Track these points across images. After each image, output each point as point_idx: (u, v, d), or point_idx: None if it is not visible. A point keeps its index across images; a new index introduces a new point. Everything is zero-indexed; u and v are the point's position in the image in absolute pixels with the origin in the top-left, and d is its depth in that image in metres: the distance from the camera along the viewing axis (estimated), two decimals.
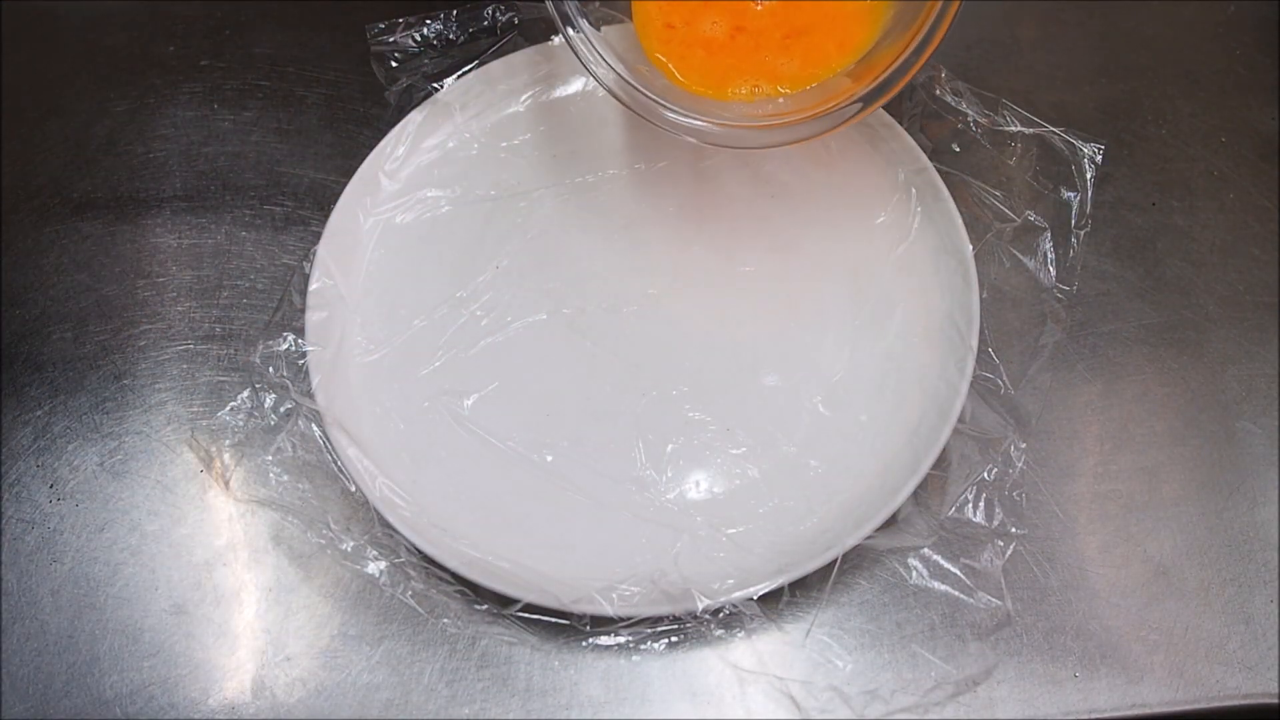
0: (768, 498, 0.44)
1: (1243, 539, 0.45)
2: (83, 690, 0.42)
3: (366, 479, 0.42)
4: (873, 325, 0.47)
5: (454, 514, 0.43)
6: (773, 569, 0.41)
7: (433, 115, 0.52)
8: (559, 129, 0.53)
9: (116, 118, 0.54)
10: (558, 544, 0.43)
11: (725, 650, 0.42)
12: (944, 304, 0.47)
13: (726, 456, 0.45)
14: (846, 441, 0.45)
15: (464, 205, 0.51)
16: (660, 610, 0.40)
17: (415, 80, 0.52)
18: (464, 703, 0.41)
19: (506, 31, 0.53)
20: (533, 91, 0.54)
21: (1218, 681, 0.42)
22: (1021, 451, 0.44)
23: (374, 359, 0.47)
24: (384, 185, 0.51)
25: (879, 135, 0.51)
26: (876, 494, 0.43)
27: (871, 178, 0.51)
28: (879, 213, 0.50)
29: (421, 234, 0.50)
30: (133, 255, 0.51)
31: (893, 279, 0.48)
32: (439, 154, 0.52)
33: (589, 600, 0.40)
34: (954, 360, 0.45)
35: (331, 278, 0.47)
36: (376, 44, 0.53)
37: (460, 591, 0.42)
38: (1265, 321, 0.49)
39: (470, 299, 0.48)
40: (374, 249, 0.50)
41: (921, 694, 0.41)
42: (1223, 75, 0.56)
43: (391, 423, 0.45)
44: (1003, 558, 0.42)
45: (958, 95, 0.51)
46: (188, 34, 0.57)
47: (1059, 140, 0.50)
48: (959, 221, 0.47)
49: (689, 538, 0.43)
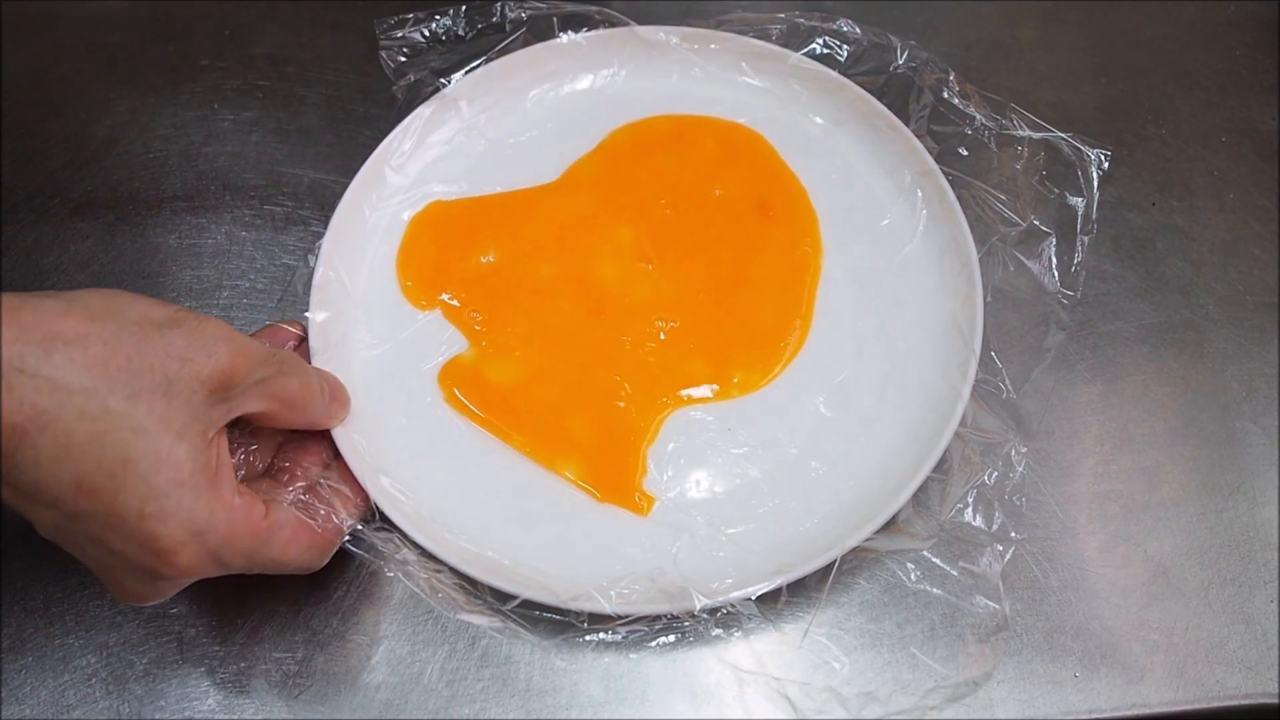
0: (768, 498, 0.44)
1: (1243, 539, 0.45)
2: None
3: (367, 475, 0.42)
4: (876, 327, 0.47)
5: (454, 510, 0.43)
6: (771, 569, 0.41)
7: (440, 110, 0.52)
8: (566, 126, 0.53)
9: (116, 118, 0.54)
10: (558, 541, 0.43)
11: (723, 650, 0.42)
12: (948, 306, 0.47)
13: (728, 456, 0.45)
14: (848, 443, 0.45)
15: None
16: (658, 609, 0.40)
17: (423, 75, 0.52)
18: (464, 703, 0.41)
19: (515, 28, 0.53)
20: (540, 88, 0.54)
21: (1218, 681, 0.42)
22: (1023, 456, 0.44)
23: (377, 354, 0.47)
24: (390, 180, 0.50)
25: (885, 137, 0.51)
26: (877, 496, 0.43)
27: (878, 179, 0.51)
28: (885, 214, 0.50)
29: None
30: (133, 255, 0.51)
31: (897, 281, 0.48)
32: (446, 149, 0.52)
33: (587, 598, 0.40)
34: (956, 363, 0.45)
35: (335, 270, 0.47)
36: (385, 38, 0.53)
37: (460, 585, 0.42)
38: (1265, 321, 0.49)
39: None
40: (379, 244, 0.50)
41: (919, 696, 0.41)
42: (1223, 75, 0.56)
43: (393, 418, 0.45)
44: (1001, 562, 0.42)
45: (965, 98, 0.51)
46: (188, 34, 0.57)
47: (1065, 145, 0.50)
48: (964, 225, 0.47)
49: (689, 537, 0.43)
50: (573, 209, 0.50)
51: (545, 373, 0.46)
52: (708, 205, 0.50)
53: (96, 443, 0.32)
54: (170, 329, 0.34)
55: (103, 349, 0.32)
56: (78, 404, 0.31)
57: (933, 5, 0.58)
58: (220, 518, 0.34)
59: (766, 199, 0.50)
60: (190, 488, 0.33)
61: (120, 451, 0.32)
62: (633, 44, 0.53)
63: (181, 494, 0.33)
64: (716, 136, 0.53)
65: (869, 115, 0.51)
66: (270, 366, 0.37)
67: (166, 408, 0.33)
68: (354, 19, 0.56)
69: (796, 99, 0.53)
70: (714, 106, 0.53)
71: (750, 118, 0.53)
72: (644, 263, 0.49)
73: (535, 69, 0.53)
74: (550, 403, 0.45)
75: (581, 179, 0.51)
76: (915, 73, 0.52)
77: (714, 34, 0.53)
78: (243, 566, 0.37)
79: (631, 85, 0.54)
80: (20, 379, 0.30)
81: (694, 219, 0.50)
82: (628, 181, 0.51)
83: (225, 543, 0.35)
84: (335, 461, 0.42)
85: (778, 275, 0.49)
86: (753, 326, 0.47)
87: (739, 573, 0.41)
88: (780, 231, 0.50)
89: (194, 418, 0.34)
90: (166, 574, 0.34)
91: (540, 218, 0.50)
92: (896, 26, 0.56)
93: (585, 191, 0.51)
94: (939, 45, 0.57)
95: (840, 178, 0.51)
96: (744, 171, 0.51)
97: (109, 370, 0.32)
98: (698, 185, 0.51)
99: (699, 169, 0.51)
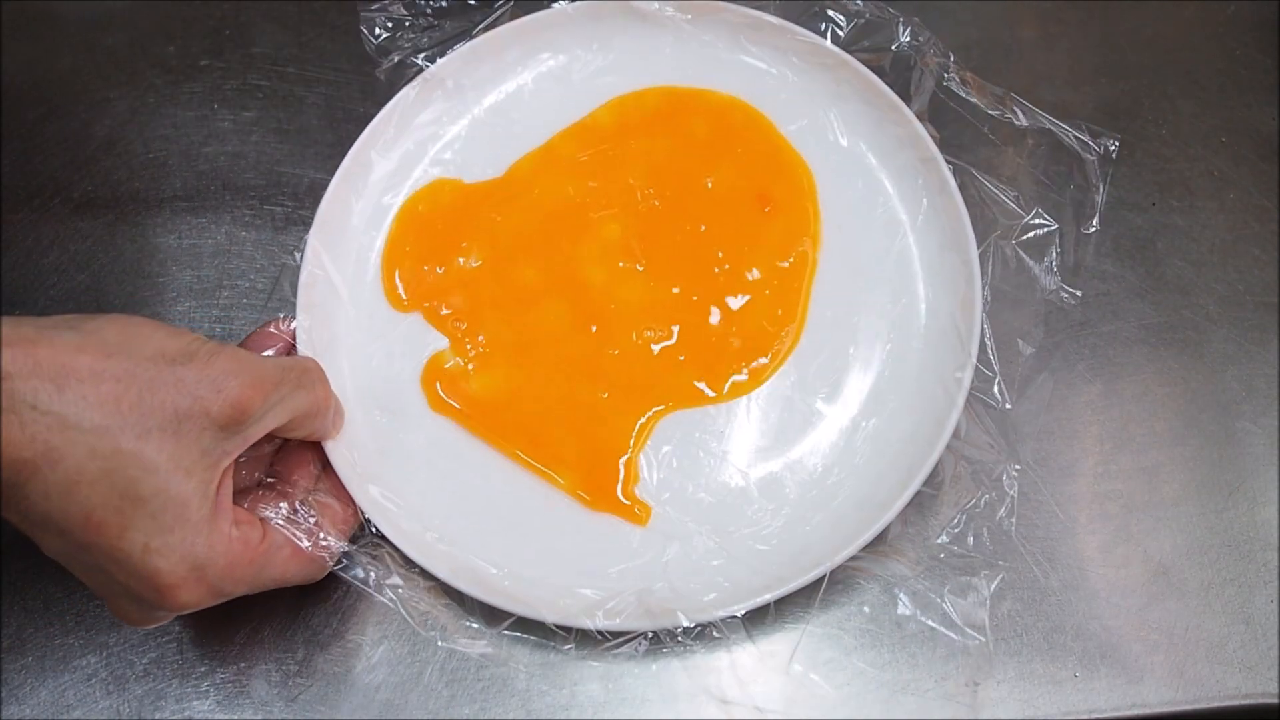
0: (760, 505, 0.43)
1: (1243, 539, 0.44)
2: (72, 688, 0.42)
3: (357, 486, 0.41)
4: (870, 325, 0.46)
5: (446, 517, 0.43)
6: (761, 582, 0.40)
7: (425, 91, 0.50)
8: (556, 101, 0.51)
9: (116, 118, 0.54)
10: (550, 549, 0.42)
11: (718, 659, 0.42)
12: (946, 306, 0.46)
13: (719, 460, 0.44)
14: (841, 449, 0.44)
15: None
16: (646, 625, 0.39)
17: (406, 55, 0.51)
18: (464, 703, 0.41)
19: (502, 1, 0.52)
20: (528, 65, 0.52)
21: (1218, 681, 0.42)
22: (1014, 479, 0.43)
23: (363, 353, 0.46)
24: (376, 165, 0.49)
25: (886, 118, 0.49)
26: (868, 508, 0.42)
27: (876, 163, 0.49)
28: (882, 202, 0.48)
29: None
30: (133, 255, 0.51)
31: (893, 275, 0.47)
32: (432, 131, 0.50)
33: (576, 617, 0.39)
34: (952, 367, 0.44)
35: (323, 269, 0.46)
36: (366, 13, 0.51)
37: (447, 605, 0.41)
38: (1265, 321, 0.49)
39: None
40: (365, 234, 0.48)
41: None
42: (1223, 75, 0.56)
43: (383, 424, 0.45)
44: (988, 591, 0.42)
45: (966, 86, 0.50)
46: (188, 34, 0.57)
47: (1071, 137, 0.49)
48: (965, 217, 0.46)
49: (680, 545, 0.42)
50: (558, 197, 0.49)
51: (532, 384, 0.45)
52: (701, 197, 0.48)
53: (106, 480, 0.32)
54: (182, 364, 0.34)
55: (115, 386, 0.32)
56: (88, 442, 0.31)
57: (933, 5, 0.57)
58: (220, 550, 0.35)
59: (766, 190, 0.49)
60: (195, 523, 0.34)
61: (129, 489, 0.32)
62: (625, 15, 0.51)
63: (185, 529, 0.34)
64: (712, 116, 0.50)
65: (870, 94, 0.49)
66: (284, 388, 0.37)
67: (176, 445, 0.33)
68: (354, 19, 0.56)
69: (795, 74, 0.51)
70: (709, 80, 0.51)
71: (747, 93, 0.51)
72: (633, 263, 0.47)
73: (523, 43, 0.51)
74: (538, 413, 0.45)
75: (563, 157, 0.49)
76: (917, 53, 0.51)
77: (711, 5, 0.51)
78: (245, 591, 0.37)
79: (624, 59, 0.52)
80: (33, 415, 0.31)
81: (686, 213, 0.48)
82: (615, 163, 0.49)
83: (225, 574, 0.35)
84: (325, 471, 0.42)
85: (775, 277, 0.47)
86: (747, 333, 0.46)
87: (730, 584, 0.40)
88: (780, 226, 0.48)
89: (204, 453, 0.34)
90: (167, 607, 0.35)
91: (524, 209, 0.48)
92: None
93: (570, 175, 0.49)
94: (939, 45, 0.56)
95: (836, 160, 0.49)
96: (742, 157, 0.49)
97: (120, 408, 0.32)
98: (690, 173, 0.49)
99: (692, 154, 0.49)
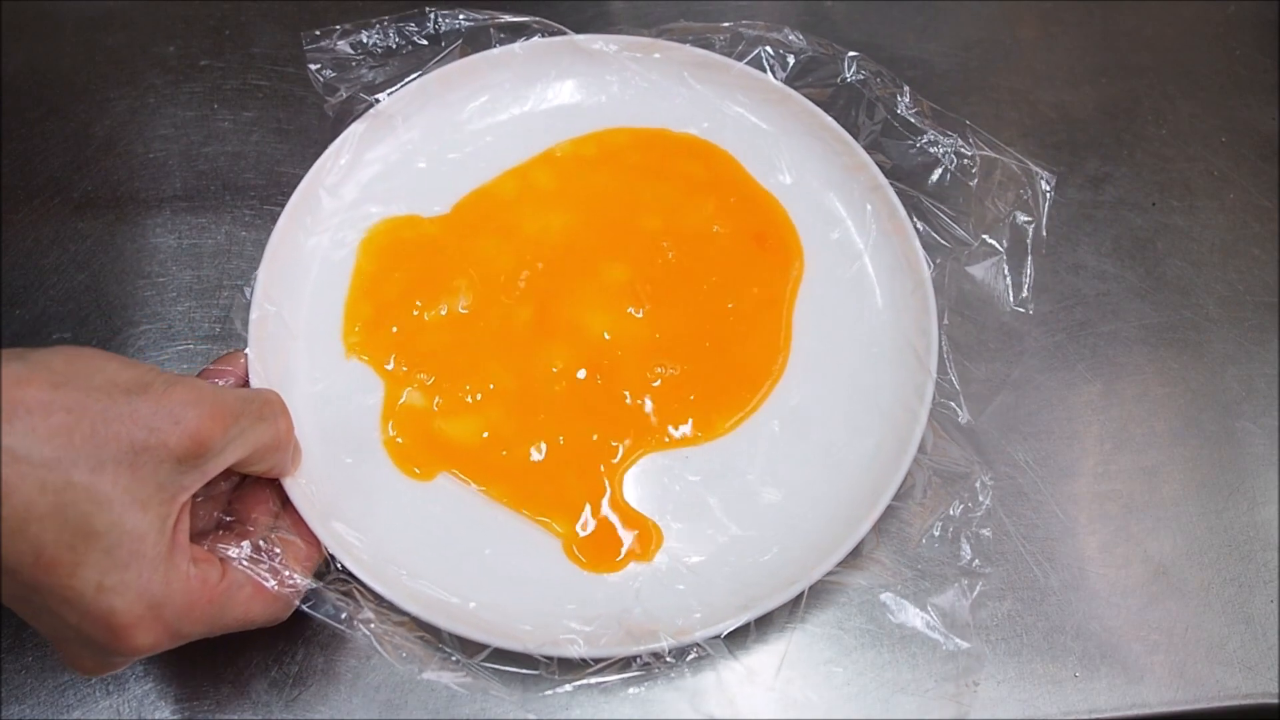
0: (725, 527, 0.43)
1: (1243, 539, 0.45)
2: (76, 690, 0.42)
3: (319, 522, 0.40)
4: (830, 348, 0.46)
5: (412, 550, 0.42)
6: (737, 603, 0.40)
7: (374, 127, 0.49)
8: (508, 139, 0.51)
9: (116, 118, 0.54)
10: (519, 578, 0.42)
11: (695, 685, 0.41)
12: (902, 326, 0.46)
13: (685, 483, 0.44)
14: (804, 468, 0.44)
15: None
16: (625, 651, 0.39)
17: (355, 91, 0.50)
18: (464, 703, 0.41)
19: (451, 39, 0.51)
20: (478, 101, 0.51)
21: (1218, 681, 0.42)
22: (988, 487, 0.43)
23: (319, 389, 0.45)
24: (325, 203, 0.48)
25: (833, 149, 0.49)
26: (839, 525, 0.41)
27: (825, 194, 0.50)
28: (833, 229, 0.49)
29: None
30: (133, 255, 0.51)
31: (849, 299, 0.47)
32: (381, 167, 0.50)
33: (553, 645, 0.39)
34: (913, 385, 0.44)
35: (275, 304, 0.45)
36: (312, 52, 0.51)
37: (422, 637, 0.40)
38: (1265, 321, 0.49)
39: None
40: (319, 272, 0.47)
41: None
42: (1223, 75, 0.56)
43: (340, 459, 0.43)
44: (969, 598, 0.42)
45: (921, 115, 0.50)
46: (188, 34, 0.57)
47: (1015, 165, 0.49)
48: (916, 242, 0.46)
49: (649, 570, 0.42)
50: (544, 240, 0.48)
51: (505, 430, 0.44)
52: (707, 242, 0.48)
53: (58, 515, 0.30)
54: (137, 395, 0.32)
55: (65, 417, 0.30)
56: (39, 476, 0.30)
57: (933, 5, 0.58)
58: (177, 588, 0.33)
59: (762, 230, 0.49)
60: (151, 559, 0.32)
61: (82, 524, 0.30)
62: (571, 53, 0.51)
63: (141, 566, 0.32)
64: (697, 157, 0.50)
65: (815, 127, 0.50)
66: (245, 420, 0.35)
67: (132, 479, 0.31)
68: (354, 20, 0.56)
69: (740, 109, 0.51)
70: (657, 118, 0.51)
71: (697, 129, 0.51)
72: (635, 307, 0.47)
73: (472, 81, 0.51)
74: (512, 460, 0.44)
75: (542, 196, 0.49)
76: (864, 85, 0.51)
77: (656, 43, 0.51)
78: (205, 633, 0.35)
79: (572, 96, 0.52)
80: None
81: (692, 258, 0.48)
82: (599, 206, 0.49)
83: (183, 614, 0.33)
84: (285, 509, 0.40)
85: (767, 311, 0.47)
86: (739, 372, 0.46)
87: (704, 607, 0.40)
88: (772, 262, 0.48)
89: (160, 487, 0.32)
90: (122, 651, 0.33)
91: (505, 253, 0.48)
92: (897, 26, 0.57)
93: (553, 216, 0.49)
94: (939, 45, 0.57)
95: (787, 193, 0.50)
96: (736, 200, 0.50)
97: (73, 440, 0.30)
98: (693, 218, 0.49)
99: (691, 199, 0.49)
